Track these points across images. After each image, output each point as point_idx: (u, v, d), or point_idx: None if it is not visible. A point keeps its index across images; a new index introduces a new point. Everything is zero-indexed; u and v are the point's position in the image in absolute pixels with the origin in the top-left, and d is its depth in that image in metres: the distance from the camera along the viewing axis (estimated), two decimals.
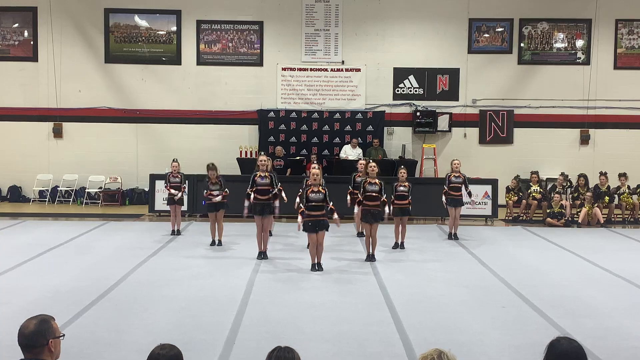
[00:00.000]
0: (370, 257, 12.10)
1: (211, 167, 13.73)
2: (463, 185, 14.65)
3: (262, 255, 12.13)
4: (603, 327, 8.18)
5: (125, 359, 6.86)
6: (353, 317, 8.45)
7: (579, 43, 20.43)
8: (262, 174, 12.20)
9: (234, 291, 9.65)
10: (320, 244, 11.29)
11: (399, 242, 13.38)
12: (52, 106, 20.27)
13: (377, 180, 12.33)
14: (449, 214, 14.79)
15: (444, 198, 14.62)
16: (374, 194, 12.21)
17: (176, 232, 14.68)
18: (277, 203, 12.27)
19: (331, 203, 11.36)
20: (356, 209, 12.89)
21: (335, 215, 11.32)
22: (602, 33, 20.29)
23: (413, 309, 8.89)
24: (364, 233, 13.15)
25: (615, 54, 20.41)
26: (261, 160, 12.38)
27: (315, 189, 11.27)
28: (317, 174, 11.44)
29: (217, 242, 13.45)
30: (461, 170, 14.78)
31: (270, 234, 14.23)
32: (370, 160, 13.39)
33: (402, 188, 13.35)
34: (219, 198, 13.46)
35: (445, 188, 14.65)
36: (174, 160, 15.11)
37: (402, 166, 13.99)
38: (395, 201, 13.28)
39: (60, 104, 20.28)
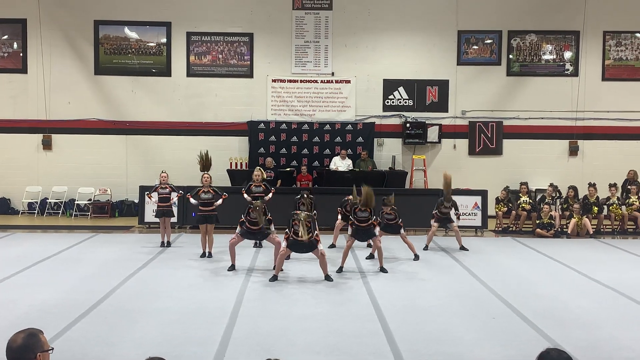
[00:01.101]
0: (382, 269, 12.17)
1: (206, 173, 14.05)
2: (452, 208, 14.78)
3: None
4: (593, 337, 8.19)
5: None
6: (344, 329, 8.42)
7: (567, 55, 20.58)
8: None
9: (224, 303, 9.61)
10: (321, 257, 11.38)
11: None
12: (42, 118, 20.23)
13: (367, 209, 12.32)
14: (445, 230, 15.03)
15: (433, 221, 14.80)
16: (364, 219, 12.26)
17: (166, 244, 14.62)
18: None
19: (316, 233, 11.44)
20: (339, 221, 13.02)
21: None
22: (590, 45, 20.45)
23: (404, 320, 8.88)
24: (335, 245, 13.93)
25: (603, 65, 20.57)
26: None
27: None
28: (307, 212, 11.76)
29: (207, 253, 13.41)
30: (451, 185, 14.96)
31: (261, 245, 14.27)
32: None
33: (389, 216, 13.34)
34: (219, 201, 13.54)
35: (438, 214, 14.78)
36: (162, 171, 15.08)
37: (390, 196, 13.70)
38: (387, 222, 13.33)
39: (49, 116, 20.24)
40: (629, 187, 18.32)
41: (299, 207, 12.67)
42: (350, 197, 13.75)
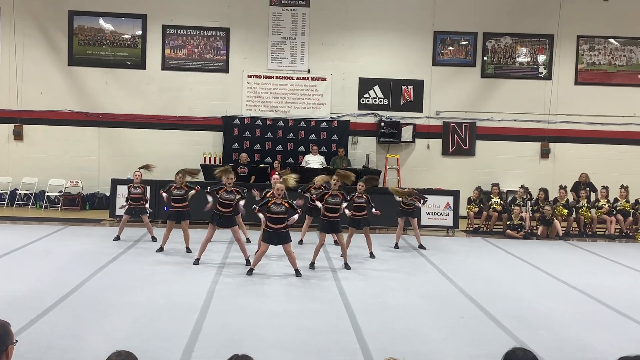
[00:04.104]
0: (312, 266, 12.18)
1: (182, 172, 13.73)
2: (417, 201, 14.83)
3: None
4: (559, 338, 8.30)
5: None
6: (314, 326, 8.45)
7: (541, 58, 20.78)
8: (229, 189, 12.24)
9: (194, 298, 9.59)
10: (289, 253, 11.46)
11: (370, 252, 13.53)
12: (13, 108, 19.97)
13: (339, 193, 12.39)
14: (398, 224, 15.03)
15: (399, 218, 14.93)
16: (335, 206, 12.23)
17: (119, 239, 14.45)
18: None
19: (293, 217, 11.40)
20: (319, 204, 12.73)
21: (295, 216, 11.41)
22: (563, 49, 20.66)
23: (373, 318, 8.93)
24: (302, 242, 14.00)
25: (576, 69, 20.80)
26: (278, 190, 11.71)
27: (279, 202, 11.29)
28: (281, 189, 11.41)
29: (188, 249, 13.35)
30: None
31: (249, 241, 14.25)
32: (337, 172, 13.28)
33: (359, 200, 13.37)
34: (192, 192, 13.39)
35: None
36: (137, 170, 14.76)
37: (362, 178, 13.94)
38: (354, 212, 13.33)
39: (21, 106, 19.99)
40: (581, 190, 18.52)
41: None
42: (317, 179, 13.78)
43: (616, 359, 3.60)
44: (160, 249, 13.33)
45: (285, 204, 11.30)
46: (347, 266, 12.25)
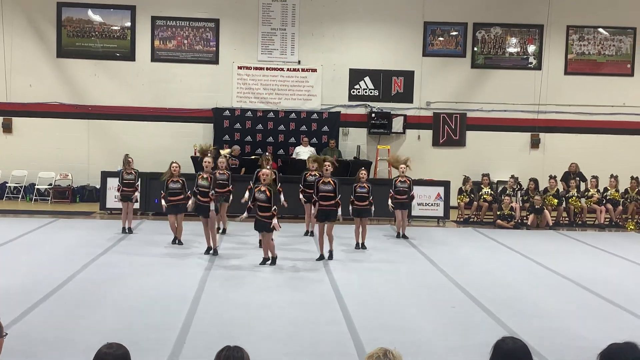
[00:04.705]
0: (322, 257, 12.09)
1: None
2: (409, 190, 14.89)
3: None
4: (550, 327, 8.35)
5: (72, 359, 6.75)
6: (305, 317, 8.46)
7: (531, 48, 20.79)
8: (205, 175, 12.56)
9: (185, 290, 9.58)
10: (267, 243, 11.52)
11: (360, 242, 13.43)
12: (2, 100, 19.83)
13: (331, 180, 12.27)
14: (395, 216, 15.04)
15: (390, 202, 14.82)
16: (328, 194, 12.11)
17: (127, 230, 14.45)
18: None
19: (274, 208, 11.26)
20: (313, 210, 12.81)
21: (275, 221, 11.17)
22: (553, 39, 20.68)
23: (365, 309, 8.95)
24: (314, 233, 13.33)
25: (566, 59, 20.82)
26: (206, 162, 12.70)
27: (263, 189, 11.24)
28: (266, 174, 11.41)
29: (177, 241, 13.33)
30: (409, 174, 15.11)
31: (225, 232, 14.25)
32: (326, 158, 13.34)
33: (361, 189, 13.37)
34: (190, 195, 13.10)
35: (392, 192, 14.84)
36: (127, 155, 14.70)
37: (363, 167, 14.03)
38: (355, 202, 13.33)
39: (10, 99, 19.86)
40: (571, 180, 18.58)
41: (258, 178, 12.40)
42: (309, 159, 13.80)
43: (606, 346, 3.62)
44: (174, 241, 13.31)
45: (267, 192, 11.19)
46: (329, 256, 12.15)
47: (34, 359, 6.74)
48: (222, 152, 14.83)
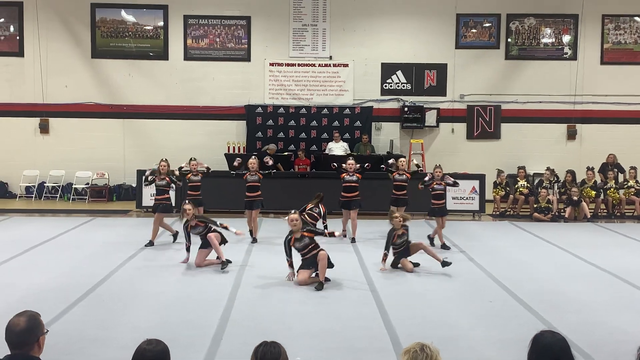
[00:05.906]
0: (351, 240, 13.24)
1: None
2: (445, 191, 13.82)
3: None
4: (588, 321, 8.23)
5: (111, 355, 6.84)
6: (340, 313, 8.45)
7: (566, 38, 20.50)
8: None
9: (221, 288, 9.63)
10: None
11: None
12: (39, 102, 20.17)
13: (356, 173, 13.55)
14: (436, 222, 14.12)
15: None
16: (352, 184, 13.44)
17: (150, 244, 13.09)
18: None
19: (326, 231, 10.92)
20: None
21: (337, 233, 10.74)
22: (588, 28, 20.37)
23: (400, 304, 8.91)
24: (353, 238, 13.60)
25: (601, 49, 20.50)
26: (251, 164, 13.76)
27: (298, 236, 10.09)
28: (295, 219, 10.04)
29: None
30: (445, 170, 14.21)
31: (255, 241, 13.80)
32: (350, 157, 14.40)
33: (399, 177, 14.09)
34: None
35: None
36: (162, 159, 13.64)
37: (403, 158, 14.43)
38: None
39: (46, 100, 20.18)
40: (609, 171, 18.29)
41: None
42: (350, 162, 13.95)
43: None
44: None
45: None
46: (353, 240, 13.27)
47: (74, 356, 6.82)
48: (183, 165, 14.50)
